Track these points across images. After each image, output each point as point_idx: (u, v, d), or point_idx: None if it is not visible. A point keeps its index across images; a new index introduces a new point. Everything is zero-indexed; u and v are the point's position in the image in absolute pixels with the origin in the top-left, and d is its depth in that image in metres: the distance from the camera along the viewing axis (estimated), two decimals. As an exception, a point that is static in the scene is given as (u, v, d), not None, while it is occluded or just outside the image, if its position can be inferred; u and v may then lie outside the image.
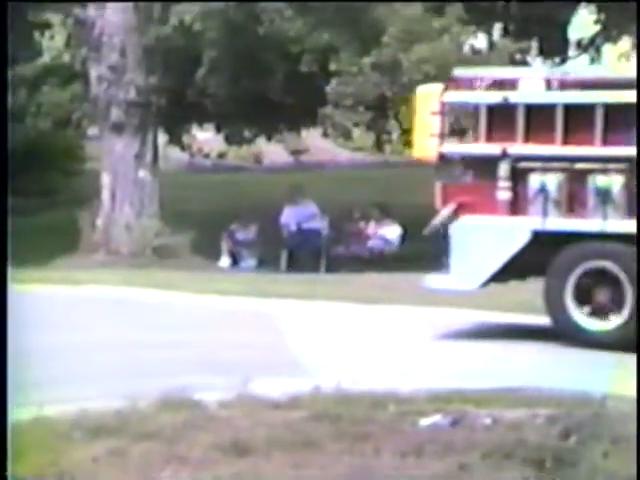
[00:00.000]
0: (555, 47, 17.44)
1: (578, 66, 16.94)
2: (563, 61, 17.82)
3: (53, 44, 18.52)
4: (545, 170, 8.76)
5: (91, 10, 15.55)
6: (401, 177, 20.65)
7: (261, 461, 4.86)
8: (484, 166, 9.00)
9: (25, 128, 18.69)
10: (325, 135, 16.76)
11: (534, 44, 16.29)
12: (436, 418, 5.52)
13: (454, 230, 9.01)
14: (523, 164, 8.86)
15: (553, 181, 8.72)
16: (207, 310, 10.80)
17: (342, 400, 5.91)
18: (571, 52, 17.75)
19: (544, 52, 17.29)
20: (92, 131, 18.26)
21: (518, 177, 8.85)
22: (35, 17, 17.40)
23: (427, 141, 9.23)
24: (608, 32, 17.05)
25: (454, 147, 9.35)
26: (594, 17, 17.11)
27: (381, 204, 16.37)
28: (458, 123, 10.33)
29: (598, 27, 17.18)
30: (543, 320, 9.90)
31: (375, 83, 14.45)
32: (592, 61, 17.66)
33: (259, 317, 10.31)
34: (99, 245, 15.32)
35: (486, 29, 16.74)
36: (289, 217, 16.05)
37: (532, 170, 8.81)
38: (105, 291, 11.81)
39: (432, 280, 9.28)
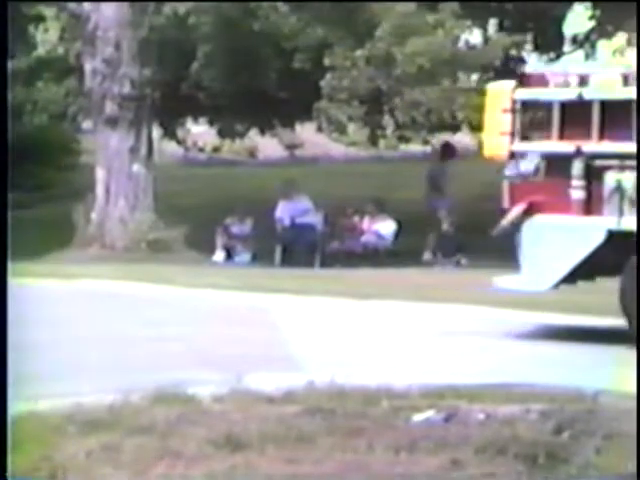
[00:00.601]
0: (550, 42, 17.43)
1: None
2: (558, 56, 17.81)
3: (47, 38, 18.48)
4: (621, 168, 8.50)
5: (85, 4, 15.52)
6: (395, 172, 20.66)
7: (254, 456, 4.86)
8: (557, 164, 8.76)
9: (19, 122, 18.66)
10: (319, 130, 16.75)
11: (529, 39, 16.30)
12: (429, 414, 5.52)
13: (525, 230, 8.76)
14: (598, 162, 8.60)
15: (629, 179, 8.47)
16: (201, 304, 10.81)
17: (336, 395, 5.91)
18: (566, 47, 17.74)
19: (539, 47, 17.30)
20: (86, 125, 18.24)
21: (592, 175, 8.61)
22: (29, 10, 17.36)
23: (497, 139, 9.05)
24: (603, 28, 17.04)
25: (526, 145, 9.05)
26: (589, 13, 17.11)
27: (376, 199, 16.38)
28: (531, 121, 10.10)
29: (593, 23, 17.18)
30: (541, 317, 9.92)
31: (369, 77, 14.45)
32: (587, 57, 17.66)
33: (253, 312, 10.32)
34: (93, 239, 15.31)
35: (481, 24, 16.73)
36: (283, 212, 16.05)
37: (607, 168, 8.56)
38: (99, 285, 11.81)
39: (502, 281, 8.97)
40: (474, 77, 16.45)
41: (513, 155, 9.00)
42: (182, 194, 18.74)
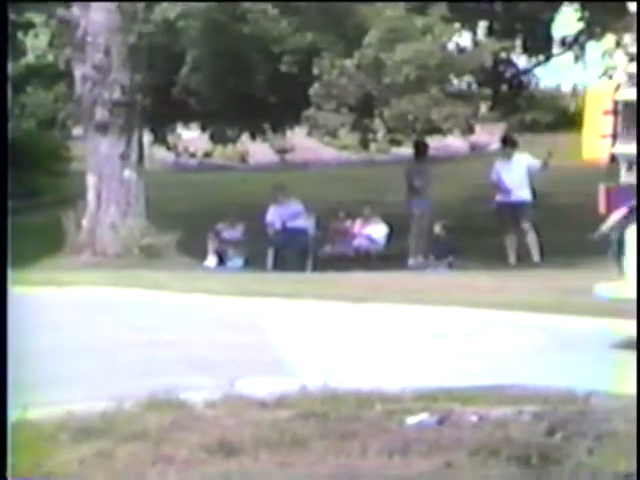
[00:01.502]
0: (539, 45, 17.48)
1: None
2: (547, 59, 17.87)
3: (37, 44, 18.46)
4: None
5: (75, 10, 15.52)
6: (387, 175, 20.68)
7: (248, 460, 4.86)
8: None
9: (10, 128, 18.61)
10: (311, 134, 16.77)
11: (518, 42, 16.34)
12: (423, 416, 5.53)
13: (629, 235, 8.45)
14: None
15: None
16: (194, 310, 10.80)
17: (329, 399, 5.91)
18: (555, 50, 17.80)
19: (528, 50, 17.34)
20: (77, 131, 18.21)
21: None
22: (19, 17, 17.34)
23: (598, 142, 8.84)
24: (592, 30, 17.10)
25: (628, 148, 8.71)
26: (577, 15, 17.17)
27: (368, 203, 16.42)
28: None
29: (582, 25, 17.24)
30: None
31: (358, 84, 14.47)
32: (576, 59, 17.72)
33: (245, 316, 10.31)
34: (84, 246, 15.29)
35: (470, 27, 16.77)
36: (274, 216, 16.06)
37: None
38: (90, 292, 11.79)
39: (604, 288, 8.73)
40: (465, 80, 16.51)
41: (614, 158, 8.75)
42: (173, 200, 18.74)
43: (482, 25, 17.09)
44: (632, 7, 17.00)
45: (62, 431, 5.25)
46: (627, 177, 8.75)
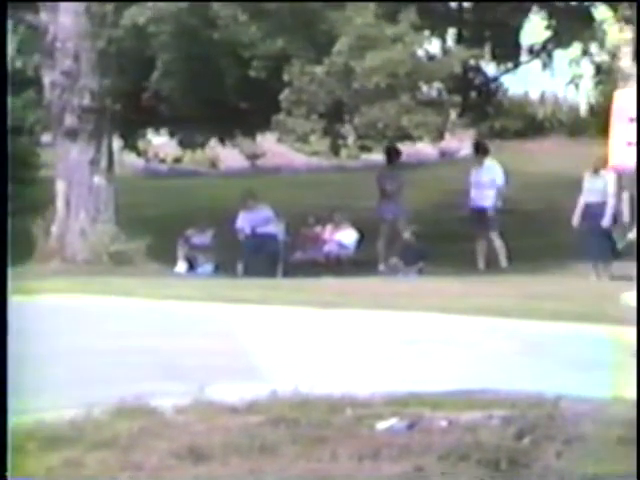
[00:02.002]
0: (507, 53, 17.59)
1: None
2: (515, 66, 17.99)
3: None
4: None
5: (43, 15, 15.44)
6: (357, 181, 20.72)
7: (218, 466, 4.85)
8: None
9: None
10: (281, 140, 16.77)
11: (487, 50, 16.44)
12: (393, 421, 5.55)
13: None
14: None
15: None
16: (164, 316, 10.77)
17: (299, 404, 5.92)
18: (523, 57, 17.92)
19: (497, 57, 17.44)
20: (46, 138, 18.12)
21: None
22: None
23: (624, 149, 8.72)
24: (559, 38, 17.25)
25: None
26: (545, 23, 17.31)
27: (338, 209, 16.44)
28: None
29: (549, 33, 17.38)
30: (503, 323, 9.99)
31: (328, 90, 14.49)
32: (544, 66, 17.86)
33: (216, 322, 10.30)
34: (54, 253, 15.20)
35: (440, 35, 16.85)
36: (243, 222, 16.04)
37: None
38: (60, 299, 11.72)
39: (630, 297, 8.69)
40: (434, 87, 16.57)
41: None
42: (143, 205, 18.68)
43: (451, 32, 17.18)
44: (598, 16, 17.18)
45: (30, 440, 5.21)
46: None
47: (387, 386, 6.54)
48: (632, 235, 8.45)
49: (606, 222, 14.31)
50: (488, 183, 15.89)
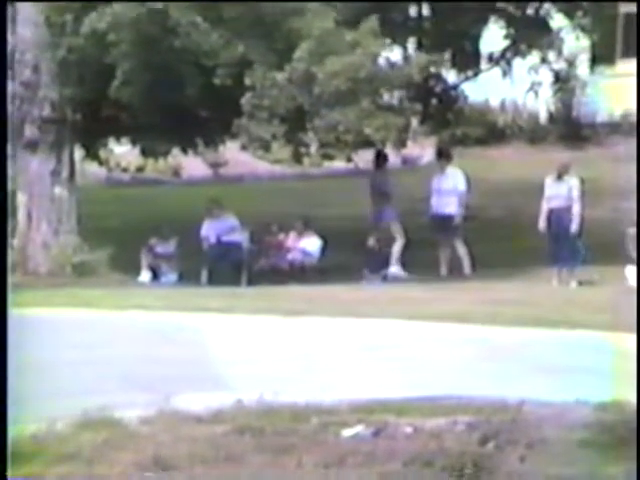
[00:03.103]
0: (467, 60, 17.69)
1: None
2: (476, 74, 18.10)
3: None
4: None
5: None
6: (320, 189, 20.74)
7: (183, 477, 4.84)
8: None
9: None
10: (244, 148, 16.74)
11: (447, 57, 16.51)
12: (358, 429, 5.56)
13: None
14: None
15: None
16: (128, 326, 10.72)
17: (264, 413, 5.92)
18: (483, 65, 18.04)
19: (457, 65, 17.53)
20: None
21: None
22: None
23: None
24: (517, 46, 17.39)
25: None
26: (504, 31, 17.45)
27: (302, 216, 16.44)
28: None
29: (508, 41, 17.52)
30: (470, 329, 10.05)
31: (290, 96, 14.50)
32: (504, 74, 17.98)
33: (181, 331, 10.26)
34: (16, 266, 15.06)
35: (400, 44, 16.91)
36: (209, 230, 16.01)
37: None
38: (22, 313, 11.62)
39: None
40: (395, 95, 16.63)
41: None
42: (106, 215, 18.58)
43: (412, 41, 17.26)
44: (555, 24, 17.35)
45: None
46: None
47: (352, 393, 6.55)
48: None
49: (574, 227, 14.44)
50: (450, 190, 15.96)
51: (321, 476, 4.85)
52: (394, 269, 15.84)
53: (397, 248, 15.95)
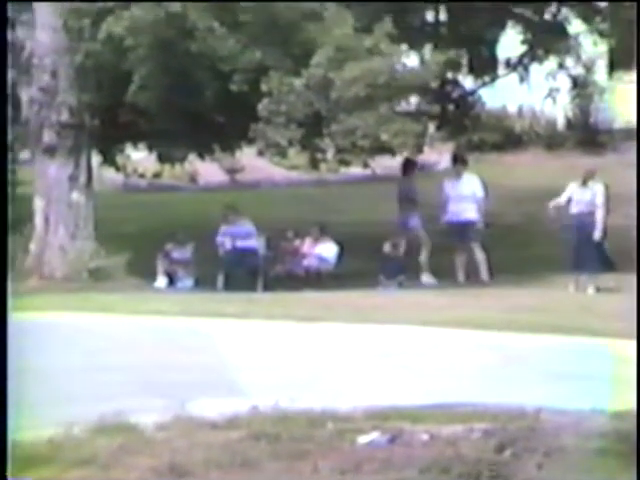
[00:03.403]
0: (484, 66, 17.65)
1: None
2: (493, 80, 18.07)
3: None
4: None
5: (20, 31, 15.40)
6: (336, 195, 20.73)
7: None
8: None
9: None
10: (260, 154, 16.76)
11: (464, 62, 16.49)
12: (374, 435, 5.55)
13: None
14: None
15: None
16: (144, 331, 10.73)
17: (280, 419, 5.91)
18: (500, 71, 18.00)
19: (474, 71, 17.50)
20: (24, 155, 18.06)
21: None
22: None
23: None
24: (535, 51, 17.34)
25: None
26: (521, 37, 17.40)
27: (318, 222, 16.44)
28: None
29: (525, 47, 17.48)
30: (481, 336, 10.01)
31: (307, 101, 14.50)
32: (521, 80, 17.94)
33: (197, 337, 10.27)
34: (32, 270, 15.11)
35: (418, 48, 16.88)
36: (225, 236, 16.02)
37: None
38: (39, 317, 11.66)
39: None
40: (413, 100, 16.61)
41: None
42: (123, 221, 18.63)
43: (428, 47, 17.24)
44: (572, 29, 17.30)
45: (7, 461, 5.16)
46: None
47: (368, 400, 6.54)
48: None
49: (598, 234, 14.36)
50: (468, 196, 15.92)
51: (337, 483, 4.83)
52: (425, 277, 15.80)
53: (425, 255, 15.91)
